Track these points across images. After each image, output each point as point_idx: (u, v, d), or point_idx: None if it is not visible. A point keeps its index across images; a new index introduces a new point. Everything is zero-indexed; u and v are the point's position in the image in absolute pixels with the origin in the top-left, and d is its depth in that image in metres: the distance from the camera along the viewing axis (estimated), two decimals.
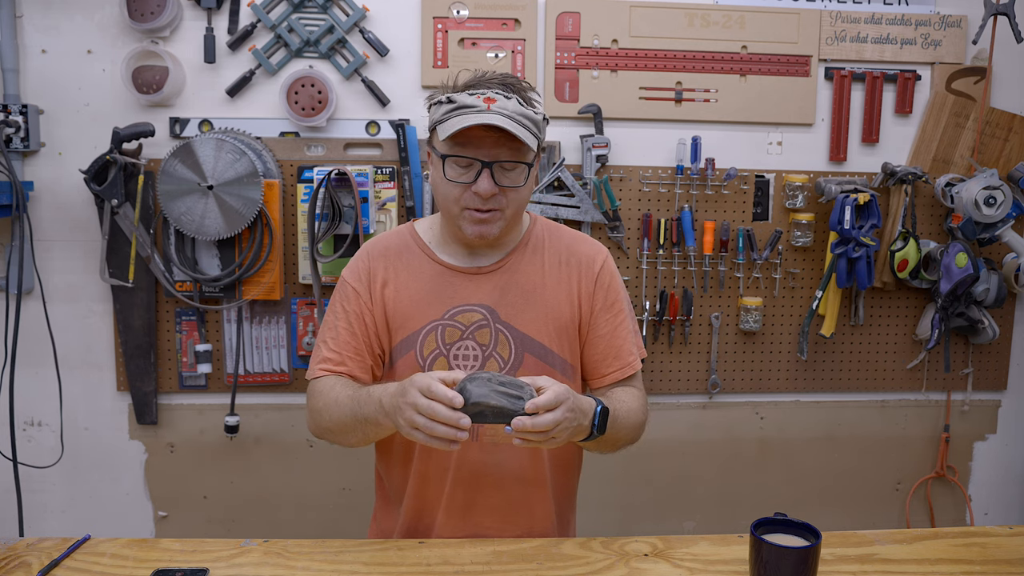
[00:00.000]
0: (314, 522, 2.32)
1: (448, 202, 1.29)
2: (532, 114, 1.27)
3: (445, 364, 1.33)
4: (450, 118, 1.24)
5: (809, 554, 1.08)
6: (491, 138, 1.24)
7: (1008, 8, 2.16)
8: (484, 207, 1.26)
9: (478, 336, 1.33)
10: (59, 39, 2.11)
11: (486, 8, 2.17)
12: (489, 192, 1.25)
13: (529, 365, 1.34)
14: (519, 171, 1.28)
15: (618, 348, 1.39)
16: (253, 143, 2.12)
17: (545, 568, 1.19)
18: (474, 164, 1.25)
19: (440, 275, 1.36)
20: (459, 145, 1.25)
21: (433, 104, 1.30)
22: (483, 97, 1.24)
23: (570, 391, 1.14)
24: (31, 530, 2.14)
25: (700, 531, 2.37)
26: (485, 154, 1.24)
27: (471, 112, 1.23)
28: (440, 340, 1.33)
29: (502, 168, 1.26)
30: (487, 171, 1.24)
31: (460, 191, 1.27)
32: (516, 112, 1.24)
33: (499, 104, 1.23)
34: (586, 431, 1.19)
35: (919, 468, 2.48)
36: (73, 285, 2.19)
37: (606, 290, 1.40)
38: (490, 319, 1.34)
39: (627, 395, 1.36)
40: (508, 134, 1.22)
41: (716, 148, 2.27)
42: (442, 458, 1.35)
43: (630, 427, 1.32)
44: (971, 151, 2.33)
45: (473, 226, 1.28)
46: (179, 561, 1.19)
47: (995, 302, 2.30)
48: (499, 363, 1.33)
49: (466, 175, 1.26)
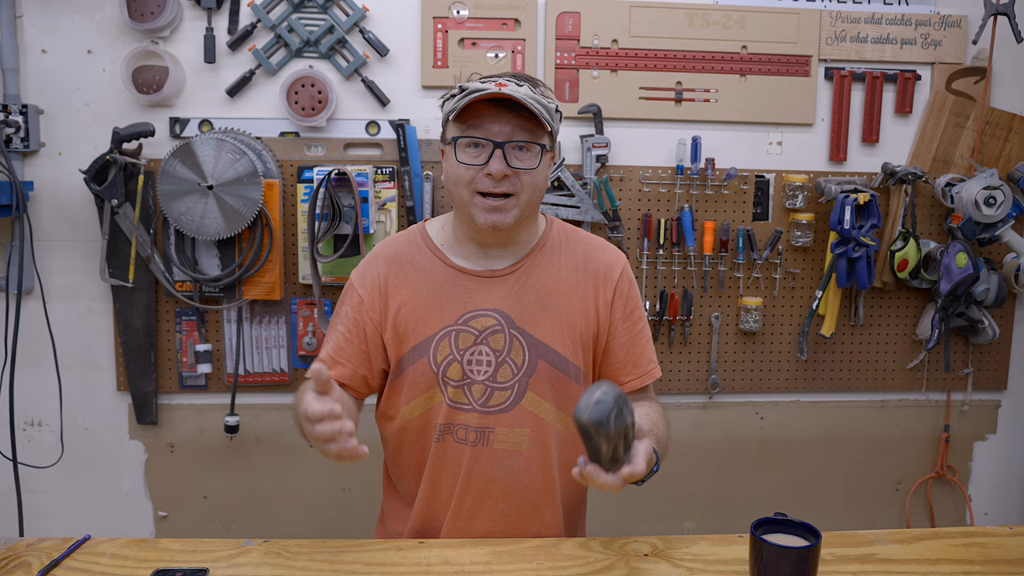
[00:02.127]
0: (314, 522, 2.32)
1: (459, 187, 1.26)
2: (546, 101, 1.25)
3: (459, 370, 1.30)
4: (461, 102, 1.23)
5: (809, 554, 1.08)
6: (503, 118, 1.22)
7: (1008, 8, 2.16)
8: (497, 190, 1.24)
9: (492, 341, 1.31)
10: (59, 39, 2.11)
11: (486, 8, 2.17)
12: (501, 173, 1.22)
13: (542, 372, 1.32)
14: (533, 153, 1.25)
15: (637, 356, 1.38)
16: (253, 143, 2.12)
17: (545, 568, 1.19)
18: (486, 145, 1.23)
19: (453, 278, 1.33)
20: (470, 127, 1.24)
21: (446, 99, 1.29)
22: (495, 83, 1.23)
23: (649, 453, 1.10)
24: (31, 530, 2.15)
25: (700, 531, 2.38)
26: (497, 133, 1.23)
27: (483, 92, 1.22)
28: (454, 346, 1.31)
29: (515, 149, 1.24)
30: (499, 152, 1.22)
31: (471, 174, 1.24)
32: (528, 96, 1.22)
33: (510, 89, 1.22)
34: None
35: (919, 468, 2.48)
36: (73, 285, 2.19)
37: (625, 299, 1.38)
38: (504, 324, 1.31)
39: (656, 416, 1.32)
40: (520, 116, 1.21)
41: (716, 148, 2.27)
42: (453, 464, 1.33)
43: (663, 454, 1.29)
44: (971, 151, 2.33)
45: (486, 214, 1.25)
46: (179, 561, 1.19)
47: (995, 302, 2.30)
48: (512, 369, 1.31)
49: (478, 157, 1.24)
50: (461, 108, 1.23)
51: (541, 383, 1.32)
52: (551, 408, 1.32)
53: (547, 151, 1.29)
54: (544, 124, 1.24)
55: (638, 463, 1.06)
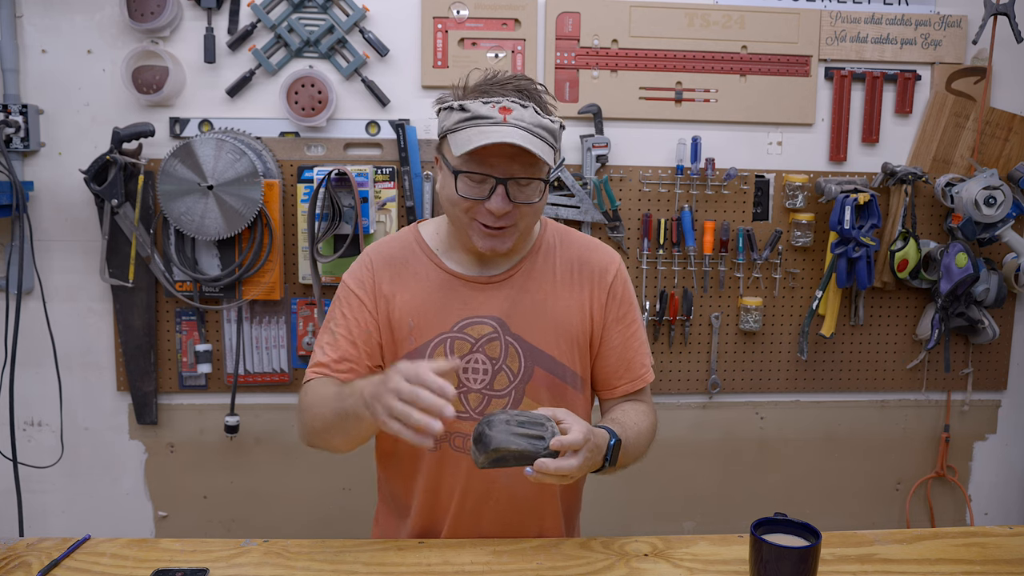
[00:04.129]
0: (314, 522, 2.32)
1: (458, 211, 1.24)
2: (549, 123, 1.21)
3: (455, 378, 1.29)
4: (463, 129, 1.19)
5: (809, 554, 1.08)
6: (506, 153, 1.18)
7: (1008, 8, 2.16)
8: (496, 224, 1.22)
9: (488, 349, 1.30)
10: (59, 39, 2.11)
11: (486, 8, 2.17)
12: (502, 211, 1.20)
13: (539, 378, 1.31)
14: (534, 187, 1.23)
15: (630, 360, 1.37)
16: (253, 143, 2.12)
17: (545, 568, 1.19)
18: (487, 180, 1.20)
19: (448, 284, 1.31)
20: (473, 161, 1.19)
21: (443, 109, 1.25)
22: (498, 107, 1.18)
23: (590, 428, 1.12)
24: (31, 530, 2.14)
25: (700, 531, 2.37)
26: (500, 170, 1.19)
27: (486, 124, 1.18)
28: (449, 353, 1.29)
29: (517, 184, 1.21)
30: (501, 188, 1.19)
31: (472, 205, 1.22)
32: (533, 124, 1.19)
33: (515, 115, 1.18)
34: (598, 465, 1.17)
35: (919, 468, 2.48)
36: (73, 285, 2.19)
37: (619, 301, 1.36)
38: (500, 331, 1.30)
39: (639, 416, 1.32)
40: (524, 149, 1.17)
41: (716, 148, 2.27)
42: (452, 474, 1.32)
43: (639, 453, 1.29)
44: (971, 151, 2.33)
45: (484, 240, 1.24)
46: (179, 561, 1.19)
47: (995, 302, 2.30)
48: (508, 376, 1.30)
49: (479, 191, 1.21)
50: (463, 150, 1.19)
51: (538, 389, 1.31)
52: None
53: (548, 182, 1.26)
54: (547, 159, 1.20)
55: (572, 434, 1.08)
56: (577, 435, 1.08)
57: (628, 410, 1.33)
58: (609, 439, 1.17)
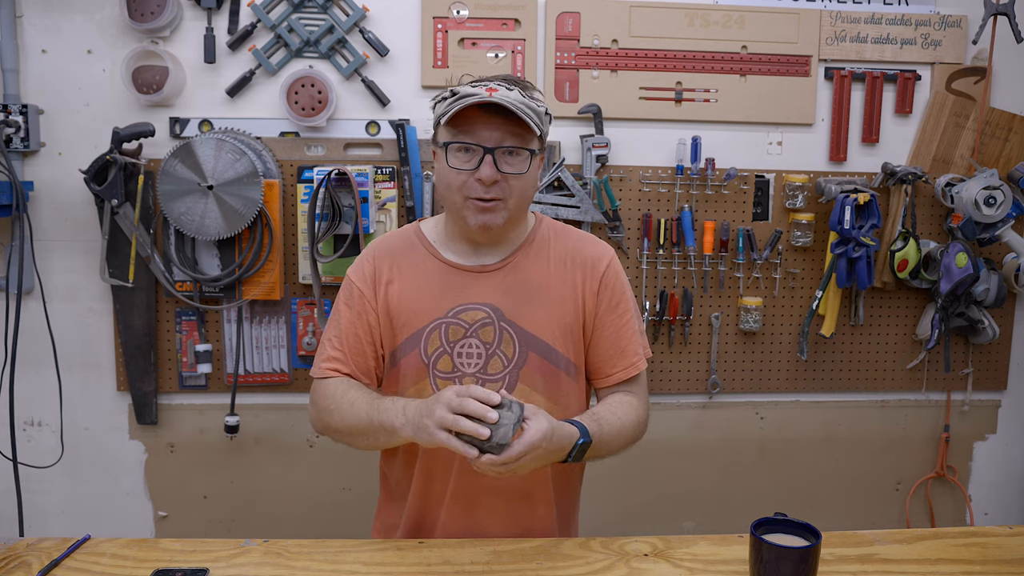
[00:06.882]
0: (314, 522, 2.32)
1: (451, 192, 1.30)
2: (535, 105, 1.28)
3: (449, 362, 1.33)
4: (452, 108, 1.25)
5: (809, 554, 1.08)
6: (493, 123, 1.25)
7: (1008, 8, 2.16)
8: (487, 195, 1.27)
9: (482, 334, 1.34)
10: (59, 39, 2.11)
11: (486, 8, 2.17)
12: (491, 178, 1.25)
13: (533, 363, 1.34)
14: (522, 158, 1.28)
15: (623, 348, 1.40)
16: (253, 143, 2.12)
17: (545, 568, 1.19)
18: (476, 151, 1.26)
19: (444, 273, 1.37)
20: (461, 132, 1.26)
21: (438, 102, 1.32)
22: (485, 87, 1.26)
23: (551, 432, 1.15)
24: (31, 530, 2.14)
25: (700, 531, 2.37)
26: (487, 139, 1.26)
27: (473, 98, 1.24)
28: (444, 338, 1.34)
29: (505, 154, 1.27)
30: (489, 157, 1.25)
31: (463, 179, 1.27)
32: (518, 101, 1.25)
33: (501, 93, 1.25)
34: (560, 458, 1.21)
35: (919, 468, 2.48)
36: (73, 285, 2.19)
37: (611, 290, 1.40)
38: (494, 317, 1.34)
39: (625, 409, 1.36)
40: (510, 120, 1.24)
41: (716, 148, 2.27)
42: (446, 455, 1.33)
43: (618, 446, 1.33)
44: (971, 151, 2.33)
45: (476, 215, 1.29)
46: (179, 561, 1.19)
47: (995, 302, 2.30)
48: (503, 361, 1.34)
49: (469, 162, 1.27)
50: (452, 114, 1.25)
51: (532, 375, 1.34)
52: (542, 400, 1.34)
53: (536, 155, 1.31)
54: (533, 129, 1.27)
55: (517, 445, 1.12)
56: (518, 446, 1.11)
57: (614, 403, 1.37)
58: (578, 438, 1.22)
